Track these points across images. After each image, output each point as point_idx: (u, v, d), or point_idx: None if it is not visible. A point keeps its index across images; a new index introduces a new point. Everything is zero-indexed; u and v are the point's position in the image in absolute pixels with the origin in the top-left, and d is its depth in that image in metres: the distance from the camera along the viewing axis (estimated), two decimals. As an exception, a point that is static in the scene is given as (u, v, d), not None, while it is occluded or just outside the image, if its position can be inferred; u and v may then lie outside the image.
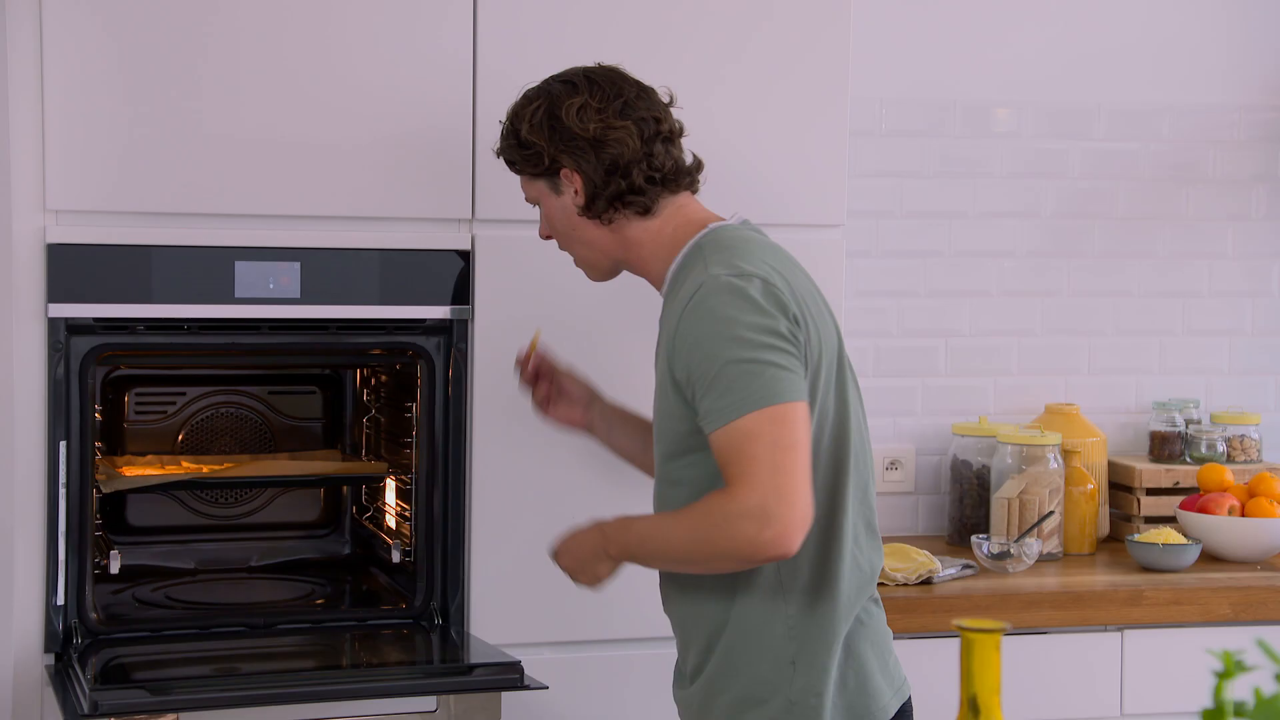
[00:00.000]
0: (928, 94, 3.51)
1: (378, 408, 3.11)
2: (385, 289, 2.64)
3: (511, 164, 2.30)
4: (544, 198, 2.28)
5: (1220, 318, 3.68)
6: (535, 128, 2.22)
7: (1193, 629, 3.03)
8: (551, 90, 2.23)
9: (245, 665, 2.59)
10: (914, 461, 3.53)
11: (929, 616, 2.93)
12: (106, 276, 2.52)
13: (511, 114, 2.28)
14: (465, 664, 2.56)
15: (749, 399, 2.02)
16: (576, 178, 2.22)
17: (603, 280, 2.34)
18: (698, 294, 2.08)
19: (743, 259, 2.12)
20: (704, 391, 2.06)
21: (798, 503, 2.00)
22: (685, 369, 2.09)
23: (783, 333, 2.06)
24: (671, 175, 2.23)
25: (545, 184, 2.26)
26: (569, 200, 2.24)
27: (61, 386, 2.50)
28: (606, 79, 2.23)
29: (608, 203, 2.21)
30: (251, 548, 3.10)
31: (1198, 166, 3.66)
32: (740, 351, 2.04)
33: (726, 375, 2.04)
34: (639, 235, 2.24)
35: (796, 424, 2.03)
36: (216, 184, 2.56)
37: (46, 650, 2.52)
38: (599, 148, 2.19)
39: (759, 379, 2.03)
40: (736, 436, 2.02)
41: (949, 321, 3.55)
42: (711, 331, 2.06)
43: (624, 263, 2.29)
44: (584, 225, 2.25)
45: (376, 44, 2.62)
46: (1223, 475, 3.36)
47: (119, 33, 2.51)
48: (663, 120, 2.24)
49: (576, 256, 2.32)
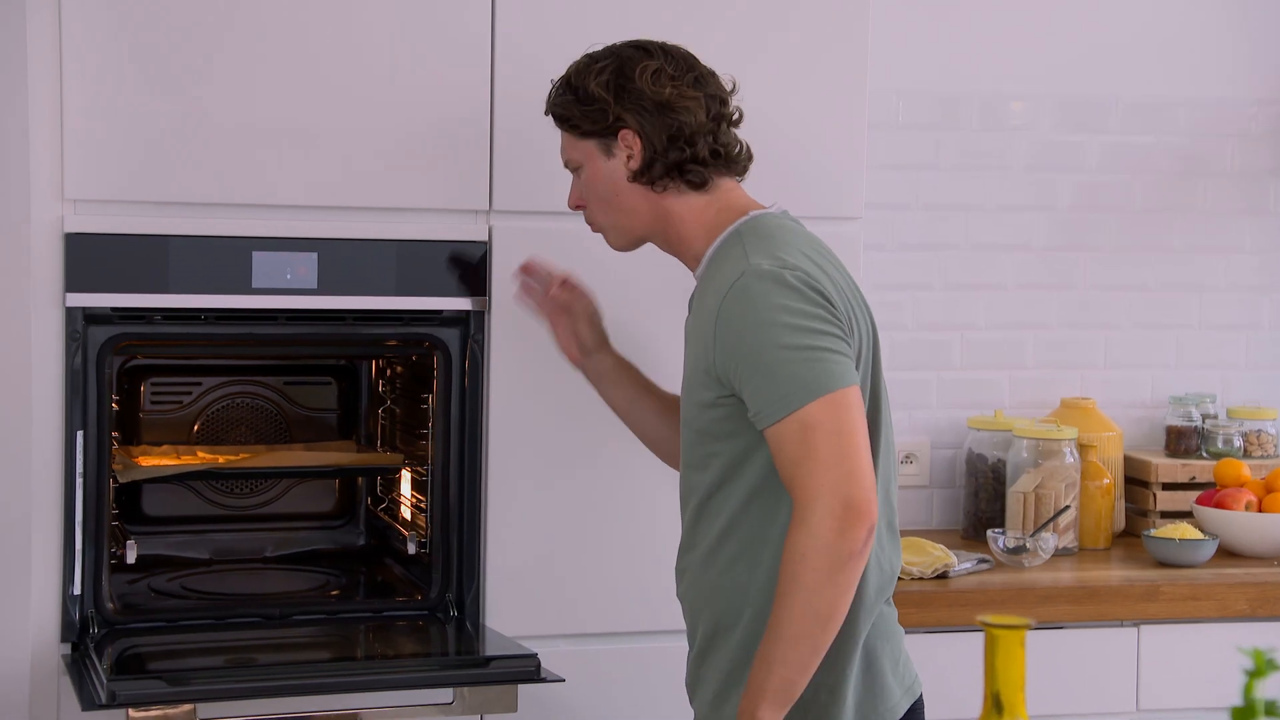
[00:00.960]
0: (943, 87, 3.50)
1: (393, 399, 3.11)
2: (402, 280, 2.64)
3: (564, 120, 2.26)
4: (591, 160, 2.25)
5: (1236, 312, 3.67)
6: (602, 85, 2.20)
7: (1209, 625, 3.02)
8: (621, 53, 2.23)
9: (261, 656, 2.59)
10: (929, 455, 3.52)
11: (944, 611, 2.92)
12: (124, 266, 2.52)
13: (573, 70, 2.25)
14: (481, 656, 2.56)
15: (804, 388, 2.02)
16: (637, 140, 2.20)
17: (624, 250, 2.32)
18: (739, 282, 2.07)
19: (783, 250, 2.12)
20: (751, 380, 2.05)
21: (859, 474, 2.00)
22: (725, 357, 2.08)
23: (829, 318, 2.07)
24: (732, 157, 2.24)
25: (596, 145, 2.24)
26: (619, 163, 2.22)
27: (79, 376, 2.50)
28: (680, 52, 2.25)
29: (665, 170, 2.20)
30: (267, 538, 3.09)
31: (1213, 160, 3.64)
32: (790, 338, 2.03)
33: (780, 363, 2.03)
34: (683, 210, 2.22)
35: (852, 408, 2.04)
36: (234, 174, 2.56)
37: (63, 640, 2.52)
38: (666, 113, 2.19)
39: (813, 366, 2.03)
40: (797, 431, 2.01)
41: (964, 315, 3.54)
42: (757, 320, 2.05)
43: (657, 235, 2.27)
44: (630, 191, 2.23)
45: (394, 34, 2.61)
46: (1239, 470, 3.35)
47: (137, 24, 2.51)
48: (727, 102, 2.25)
49: (608, 223, 2.28)
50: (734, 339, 2.06)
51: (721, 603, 2.16)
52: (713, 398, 2.12)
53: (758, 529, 2.13)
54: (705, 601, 2.19)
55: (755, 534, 2.13)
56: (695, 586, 2.21)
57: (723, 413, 2.12)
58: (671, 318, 2.56)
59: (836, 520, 1.99)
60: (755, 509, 2.13)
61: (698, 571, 2.20)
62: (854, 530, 1.99)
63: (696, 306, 2.19)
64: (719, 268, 2.15)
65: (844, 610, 2.03)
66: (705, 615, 2.19)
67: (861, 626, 2.16)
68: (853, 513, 1.99)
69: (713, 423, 2.13)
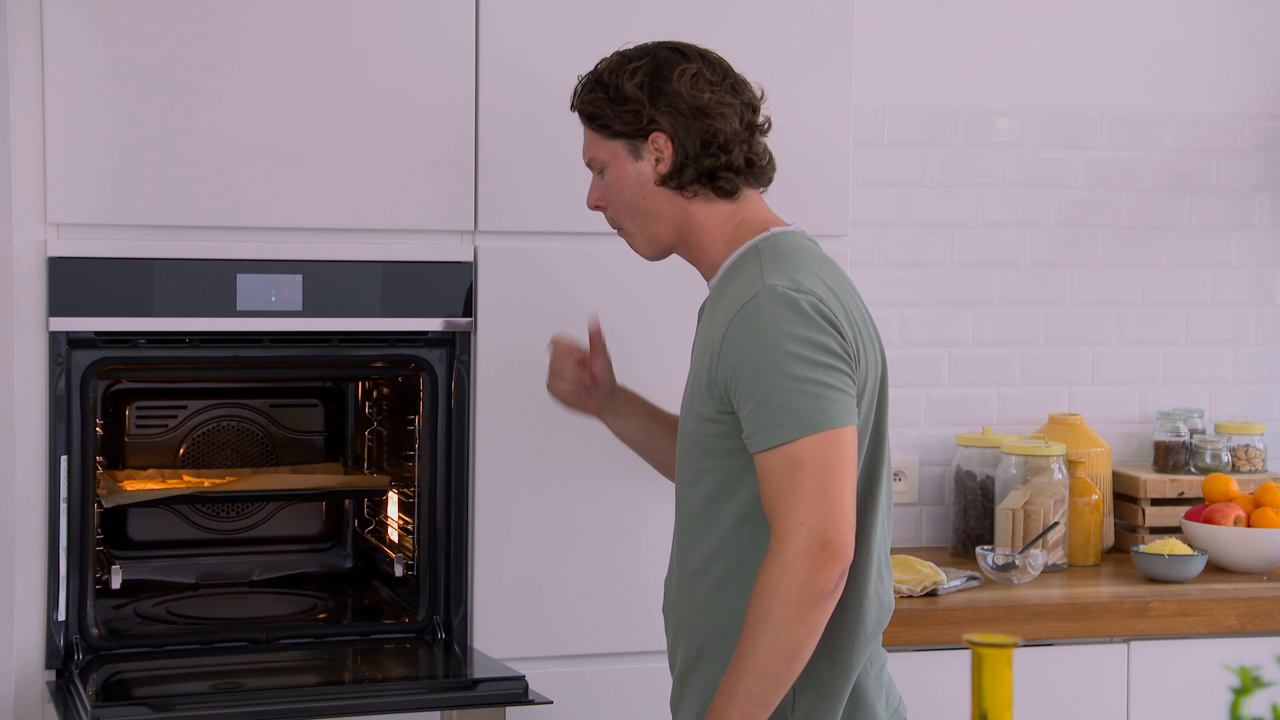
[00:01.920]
0: (929, 104, 3.50)
1: (380, 420, 3.10)
2: (388, 301, 2.63)
3: (594, 118, 2.20)
4: (617, 160, 2.20)
5: (1224, 327, 3.67)
6: (638, 85, 2.16)
7: (1199, 640, 3.02)
8: (657, 54, 2.18)
9: (247, 681, 2.58)
10: (918, 472, 3.52)
11: (934, 629, 2.92)
12: (108, 290, 2.51)
13: (605, 69, 2.20)
14: (469, 679, 2.55)
15: (801, 422, 2.00)
16: (669, 144, 2.16)
17: (654, 258, 2.26)
18: (751, 302, 2.05)
19: (800, 271, 2.09)
20: (750, 404, 2.03)
21: (839, 516, 1.99)
22: (728, 375, 2.06)
23: (837, 351, 2.04)
24: (762, 166, 2.21)
25: (624, 146, 2.19)
26: (648, 166, 2.18)
27: (62, 401, 2.49)
28: (715, 57, 2.22)
29: (697, 175, 2.16)
30: (253, 562, 3.08)
31: (1200, 175, 3.65)
32: (795, 368, 2.01)
33: (779, 392, 2.01)
34: (706, 218, 2.19)
35: (845, 447, 2.01)
36: (218, 196, 2.56)
37: (47, 666, 2.50)
38: (702, 118, 2.15)
39: (812, 401, 2.00)
40: (783, 464, 2.00)
41: (952, 331, 3.54)
42: (765, 343, 2.02)
43: (681, 243, 2.22)
44: (657, 195, 2.19)
45: (379, 56, 2.61)
46: (1228, 485, 3.35)
47: (120, 47, 2.50)
48: (759, 111, 2.23)
49: (634, 229, 2.23)
50: (739, 358, 2.04)
51: (708, 624, 2.14)
52: (713, 412, 2.10)
53: (747, 552, 2.10)
54: (691, 621, 2.17)
55: (745, 557, 2.10)
56: (681, 605, 2.20)
57: (720, 429, 2.10)
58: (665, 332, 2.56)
59: (811, 558, 1.98)
60: (746, 531, 2.11)
61: (684, 589, 2.18)
62: (828, 570, 1.98)
63: (707, 317, 2.17)
64: (734, 281, 2.13)
65: (810, 648, 2.01)
66: (690, 635, 2.17)
67: (856, 662, 2.14)
68: (828, 553, 1.98)
69: (709, 438, 2.12)
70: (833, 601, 2.01)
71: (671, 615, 2.23)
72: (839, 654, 2.12)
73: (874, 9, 3.33)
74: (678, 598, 2.20)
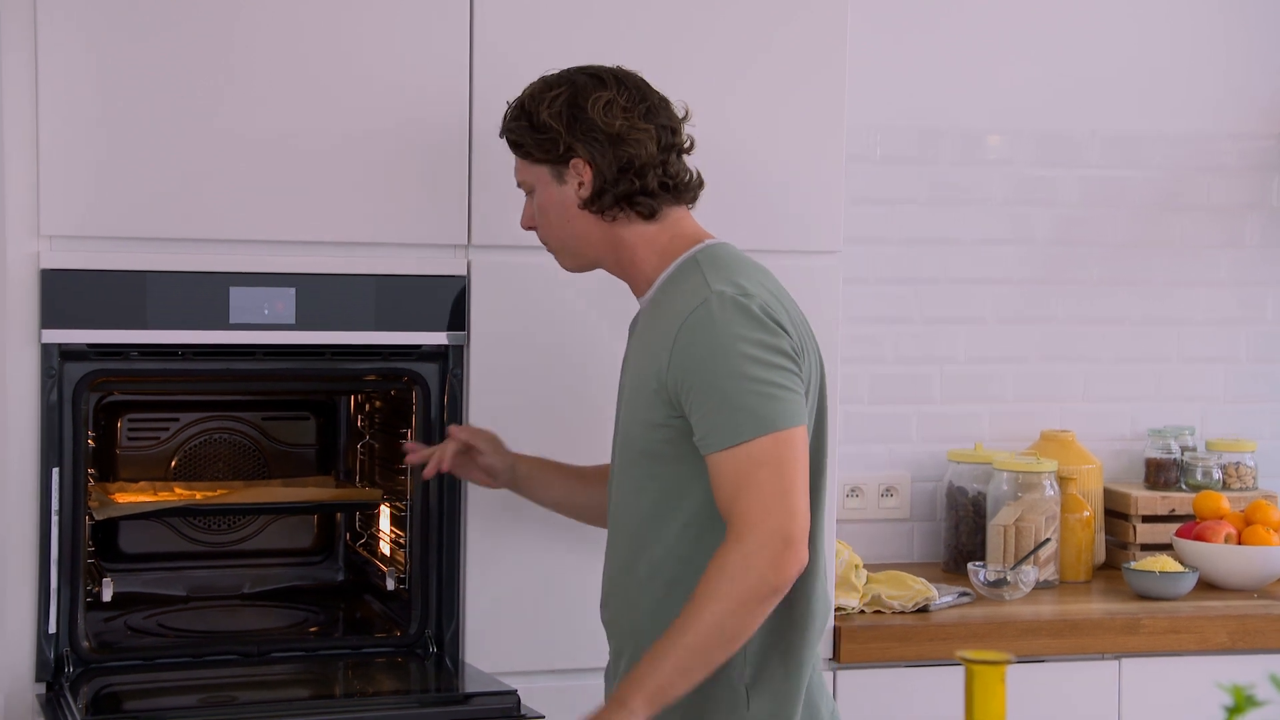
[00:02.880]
0: (920, 121, 3.51)
1: (372, 434, 3.10)
2: (381, 315, 2.63)
3: (517, 146, 2.27)
4: (542, 185, 2.26)
5: (1214, 345, 3.68)
6: (555, 114, 2.21)
7: (1190, 658, 3.02)
8: (575, 80, 2.23)
9: (238, 694, 2.57)
10: (909, 488, 3.52)
11: (925, 645, 2.92)
12: (100, 302, 2.50)
13: (527, 96, 2.26)
14: (461, 693, 2.54)
15: (757, 422, 2.05)
16: (587, 170, 2.21)
17: (575, 271, 2.33)
18: (701, 307, 2.10)
19: (743, 278, 2.15)
20: (705, 406, 2.07)
21: (799, 514, 2.04)
22: (679, 379, 2.10)
23: (788, 352, 2.10)
24: (682, 186, 2.25)
25: (548, 171, 2.25)
26: (571, 191, 2.23)
27: (54, 413, 2.49)
28: (633, 81, 2.25)
29: (615, 200, 2.21)
30: (244, 575, 3.07)
31: (1190, 194, 3.66)
32: (750, 369, 2.06)
33: (734, 392, 2.05)
34: (634, 238, 2.24)
35: (797, 446, 2.07)
36: (211, 209, 2.55)
37: (38, 679, 2.49)
38: (618, 145, 2.20)
39: (767, 402, 2.06)
40: (743, 462, 2.04)
41: (943, 348, 3.55)
42: (719, 347, 2.07)
43: (608, 261, 2.28)
44: (581, 218, 2.24)
45: (372, 70, 2.61)
46: (1219, 503, 3.35)
47: (114, 60, 2.50)
48: (678, 131, 2.27)
49: (559, 246, 2.30)
50: (693, 361, 2.08)
51: (657, 630, 2.15)
52: (661, 418, 2.13)
53: (693, 555, 2.13)
54: (638, 627, 2.20)
55: (691, 561, 2.13)
56: (628, 612, 2.22)
57: (669, 434, 2.13)
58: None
59: (772, 554, 2.01)
60: (692, 535, 2.15)
61: (632, 597, 2.21)
62: (788, 568, 2.03)
63: (644, 328, 2.21)
64: (676, 291, 2.17)
65: (742, 640, 2.04)
66: (637, 642, 2.19)
67: (808, 660, 2.19)
68: (790, 551, 2.02)
69: (657, 444, 2.15)
70: (777, 600, 2.05)
71: (618, 623, 2.25)
72: (793, 652, 2.17)
73: (866, 26, 3.33)
74: (625, 606, 2.23)
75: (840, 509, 3.38)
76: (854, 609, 2.97)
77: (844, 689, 2.87)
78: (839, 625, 2.87)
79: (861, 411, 3.48)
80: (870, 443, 3.49)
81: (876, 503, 3.49)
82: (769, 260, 2.55)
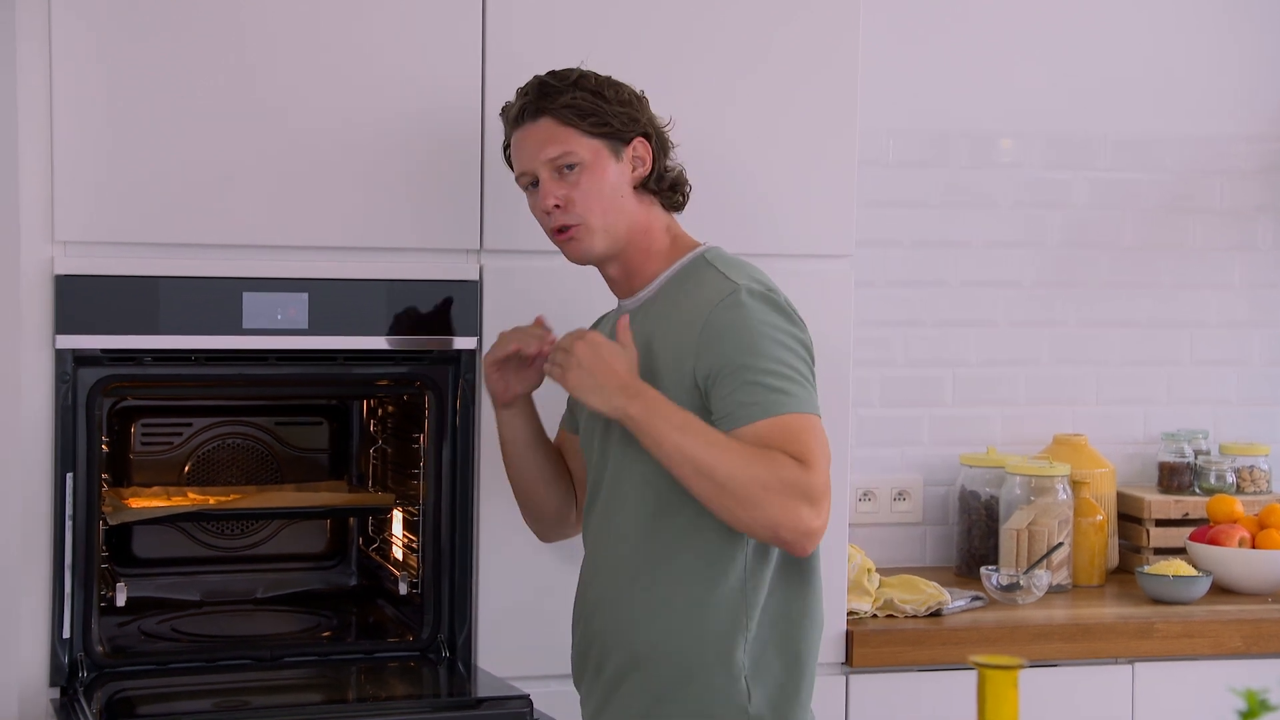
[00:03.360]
0: (932, 124, 3.51)
1: (385, 438, 3.10)
2: (393, 320, 2.63)
3: (587, 114, 2.25)
4: (599, 158, 2.26)
5: (1227, 348, 3.67)
6: (631, 94, 2.30)
7: (1204, 662, 3.01)
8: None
9: (252, 699, 2.58)
10: (921, 492, 3.52)
11: (938, 649, 2.91)
12: (114, 308, 2.51)
13: (580, 76, 2.28)
14: (473, 697, 2.54)
15: (805, 402, 2.11)
16: (648, 152, 2.29)
17: (596, 255, 2.28)
18: (730, 297, 2.15)
19: (761, 276, 2.23)
20: (745, 382, 2.10)
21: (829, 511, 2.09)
22: (711, 360, 2.13)
23: (809, 347, 2.18)
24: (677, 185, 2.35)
25: (606, 146, 2.27)
26: (626, 170, 2.28)
27: (68, 418, 2.49)
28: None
29: (665, 184, 2.30)
30: (257, 579, 3.08)
31: (1202, 197, 3.65)
32: (790, 357, 2.12)
33: (781, 373, 2.10)
34: (658, 229, 2.31)
35: (824, 434, 2.13)
36: (224, 215, 2.56)
37: (52, 684, 2.50)
38: (661, 137, 2.32)
39: (807, 390, 2.13)
40: (798, 424, 2.08)
41: (955, 351, 3.54)
42: (757, 330, 2.12)
43: (625, 251, 2.29)
44: (631, 197, 2.29)
45: (385, 76, 2.62)
46: (1232, 506, 3.35)
47: (127, 66, 2.51)
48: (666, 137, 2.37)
49: (600, 224, 2.25)
50: (732, 341, 2.12)
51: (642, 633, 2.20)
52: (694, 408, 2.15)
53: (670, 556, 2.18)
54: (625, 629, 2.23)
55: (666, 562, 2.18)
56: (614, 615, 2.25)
57: None
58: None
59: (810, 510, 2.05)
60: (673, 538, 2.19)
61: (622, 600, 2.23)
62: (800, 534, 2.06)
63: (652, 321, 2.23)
64: (693, 287, 2.21)
65: (736, 507, 2.05)
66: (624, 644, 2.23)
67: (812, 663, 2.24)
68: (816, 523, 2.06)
69: None
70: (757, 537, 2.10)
71: (603, 628, 2.27)
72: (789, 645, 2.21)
73: (879, 30, 3.33)
74: (612, 610, 2.25)
75: (853, 513, 3.37)
76: (866, 613, 2.97)
77: (856, 693, 2.87)
78: (851, 629, 2.87)
79: (873, 415, 3.48)
80: (882, 446, 3.49)
81: (889, 506, 3.49)
82: (781, 264, 2.56)
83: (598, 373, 2.13)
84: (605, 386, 2.12)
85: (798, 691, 2.22)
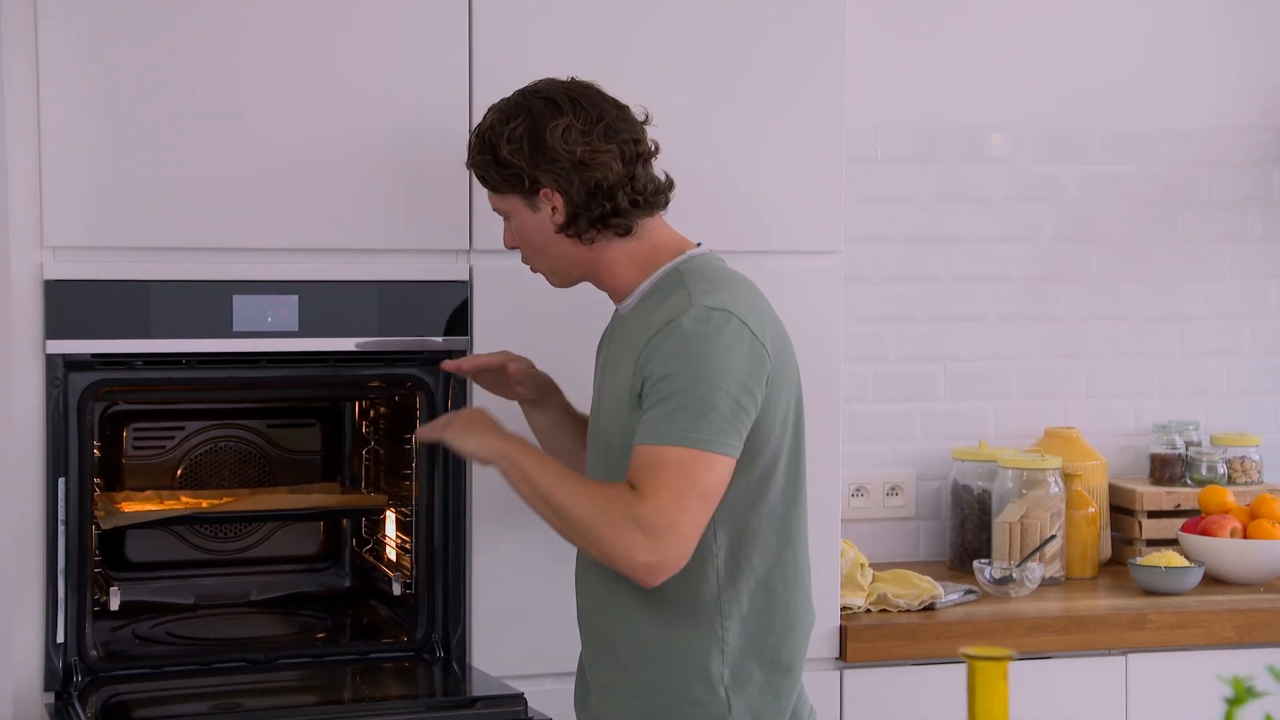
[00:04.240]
0: (923, 119, 3.52)
1: (377, 439, 3.10)
2: (384, 321, 2.64)
3: (485, 180, 2.28)
4: (517, 212, 2.26)
5: (1218, 339, 3.68)
6: (516, 148, 2.20)
7: (1197, 652, 3.02)
8: (532, 108, 2.21)
9: (246, 701, 2.58)
10: (914, 486, 3.52)
11: (931, 643, 2.92)
12: (104, 312, 2.51)
13: (486, 129, 2.24)
14: (468, 697, 2.55)
15: (692, 434, 2.07)
16: (558, 197, 2.21)
17: (565, 287, 2.35)
18: (681, 318, 2.11)
19: (726, 293, 2.16)
20: (654, 403, 2.10)
21: (685, 551, 2.07)
22: (645, 376, 2.12)
23: (746, 384, 2.10)
24: (651, 197, 2.24)
25: (520, 200, 2.25)
26: (545, 217, 2.23)
27: (60, 423, 2.49)
28: (588, 98, 2.22)
29: (590, 223, 2.21)
30: (251, 582, 3.08)
31: (1193, 189, 3.66)
32: (709, 386, 2.07)
33: (683, 401, 2.07)
34: (615, 255, 2.25)
35: (721, 477, 2.09)
36: (213, 218, 2.56)
37: (46, 689, 2.50)
38: (583, 170, 2.19)
39: (707, 421, 2.07)
40: (662, 460, 2.06)
41: (947, 346, 3.55)
42: (687, 354, 2.09)
43: (591, 277, 2.30)
44: (559, 242, 2.25)
45: (374, 79, 2.62)
46: (1224, 497, 3.35)
47: (114, 69, 2.51)
48: (641, 141, 2.24)
49: (544, 268, 2.31)
50: (661, 362, 2.10)
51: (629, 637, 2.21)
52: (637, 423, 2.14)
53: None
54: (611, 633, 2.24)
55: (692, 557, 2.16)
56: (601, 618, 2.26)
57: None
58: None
59: (643, 542, 2.05)
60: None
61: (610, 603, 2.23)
62: (635, 566, 2.07)
63: (624, 335, 2.23)
64: (661, 302, 2.18)
65: (570, 536, 2.13)
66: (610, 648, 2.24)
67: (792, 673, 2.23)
68: (650, 556, 2.05)
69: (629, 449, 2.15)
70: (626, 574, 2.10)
71: (595, 631, 2.29)
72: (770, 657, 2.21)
73: (867, 25, 3.34)
74: (600, 613, 2.26)
75: (845, 508, 3.38)
76: (860, 608, 2.98)
77: (850, 688, 2.88)
78: (845, 624, 2.88)
79: (866, 410, 3.49)
80: (875, 441, 3.50)
81: (882, 501, 3.49)
82: (770, 260, 2.56)
83: (476, 424, 2.28)
84: (483, 434, 2.26)
85: (783, 696, 2.22)
